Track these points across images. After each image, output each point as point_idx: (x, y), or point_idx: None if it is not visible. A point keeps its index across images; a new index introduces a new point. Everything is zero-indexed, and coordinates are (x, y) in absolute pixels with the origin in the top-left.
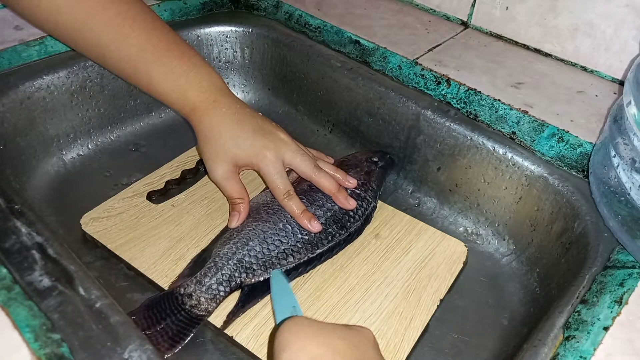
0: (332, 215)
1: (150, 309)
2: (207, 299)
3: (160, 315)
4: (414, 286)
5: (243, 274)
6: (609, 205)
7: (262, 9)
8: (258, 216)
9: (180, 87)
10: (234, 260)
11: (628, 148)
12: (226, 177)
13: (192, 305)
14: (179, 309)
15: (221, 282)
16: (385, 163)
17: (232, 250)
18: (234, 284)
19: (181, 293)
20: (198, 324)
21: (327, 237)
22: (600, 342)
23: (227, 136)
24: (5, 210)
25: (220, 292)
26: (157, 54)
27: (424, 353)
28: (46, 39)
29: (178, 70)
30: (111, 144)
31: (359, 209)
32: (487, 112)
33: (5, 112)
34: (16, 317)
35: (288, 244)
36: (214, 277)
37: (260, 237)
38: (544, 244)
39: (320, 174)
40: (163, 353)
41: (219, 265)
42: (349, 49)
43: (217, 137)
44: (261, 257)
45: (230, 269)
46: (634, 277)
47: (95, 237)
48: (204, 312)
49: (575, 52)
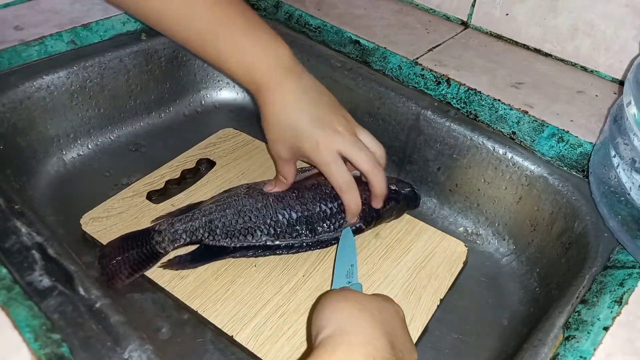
0: (309, 216)
1: (126, 240)
2: (169, 240)
3: (130, 245)
4: (414, 286)
5: (206, 232)
6: (609, 205)
7: (262, 9)
8: (251, 192)
9: (246, 64)
10: (207, 218)
11: (628, 148)
12: (283, 159)
13: (157, 242)
14: (146, 242)
15: (186, 231)
16: (402, 195)
17: (211, 209)
18: (194, 238)
19: (155, 229)
20: (155, 259)
21: (291, 232)
22: (600, 342)
23: (285, 125)
24: (5, 210)
25: (182, 239)
26: (225, 28)
27: (424, 353)
28: (46, 39)
29: (244, 46)
30: (111, 144)
31: (338, 221)
32: (487, 112)
33: (5, 112)
34: (16, 317)
35: (255, 223)
36: (184, 225)
37: (237, 209)
38: (544, 244)
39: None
40: (122, 281)
41: (193, 217)
42: (349, 49)
43: (277, 123)
44: (228, 225)
45: (200, 224)
46: (634, 277)
47: (95, 237)
48: (162, 250)
49: (575, 52)
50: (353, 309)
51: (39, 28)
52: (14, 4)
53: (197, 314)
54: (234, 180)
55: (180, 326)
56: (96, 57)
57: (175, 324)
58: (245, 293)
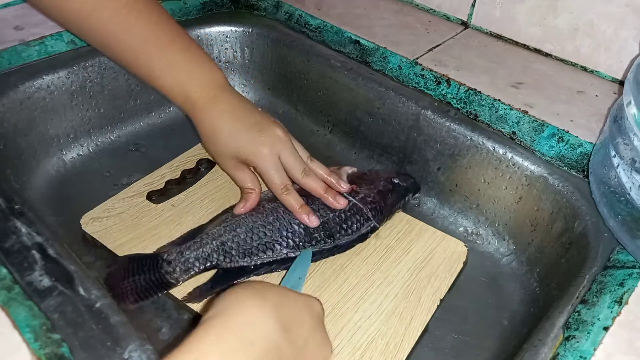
0: (324, 223)
1: (132, 261)
2: (181, 270)
3: (137, 269)
4: (414, 286)
5: (221, 256)
6: (609, 205)
7: (262, 9)
8: (257, 207)
9: (181, 82)
10: (217, 241)
11: (628, 148)
12: (234, 168)
13: (167, 271)
14: (155, 270)
15: (198, 258)
16: (404, 187)
17: (220, 232)
18: (209, 264)
19: (163, 258)
20: (165, 289)
21: (311, 241)
22: (600, 342)
23: (227, 133)
24: (5, 210)
25: (195, 267)
26: (159, 46)
27: (424, 353)
28: (46, 39)
29: (179, 64)
30: (111, 144)
31: (354, 223)
32: (487, 112)
33: (5, 112)
34: (16, 317)
35: (272, 237)
36: (194, 252)
37: (248, 226)
38: (544, 244)
39: (307, 177)
40: (126, 304)
41: (202, 243)
42: (349, 49)
43: (218, 134)
44: (243, 244)
45: (211, 248)
46: (634, 277)
47: (95, 237)
48: (174, 280)
49: (575, 52)
50: (245, 292)
51: (39, 28)
52: (14, 4)
53: (197, 314)
54: None
55: (180, 326)
56: (96, 57)
57: (175, 324)
58: None
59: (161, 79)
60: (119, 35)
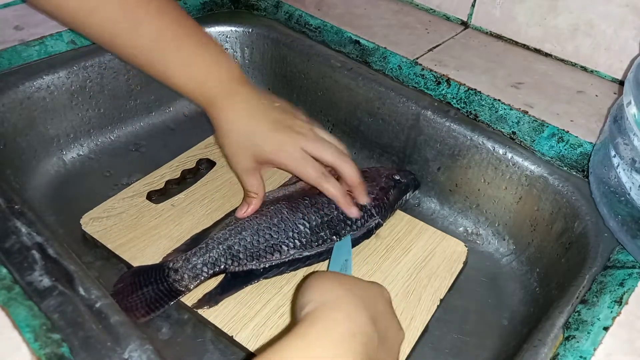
0: (329, 221)
1: (138, 275)
2: (189, 277)
3: (144, 282)
4: (414, 286)
5: (229, 260)
6: (609, 205)
7: (262, 9)
8: (260, 209)
9: (197, 79)
10: (224, 245)
11: (628, 148)
12: (246, 170)
13: (174, 280)
14: (162, 280)
15: (206, 264)
16: (405, 183)
17: (225, 236)
18: (217, 269)
19: (169, 267)
20: (176, 297)
21: (317, 240)
22: (600, 342)
23: (244, 133)
24: (5, 210)
25: (203, 273)
26: (172, 43)
27: (424, 353)
28: (46, 39)
29: (194, 61)
30: (111, 144)
31: (359, 219)
32: (487, 112)
33: (5, 112)
34: (16, 317)
35: (278, 239)
36: (201, 258)
37: (254, 229)
38: (544, 244)
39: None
40: (137, 318)
41: (208, 248)
42: (349, 49)
43: (234, 133)
44: (250, 247)
45: (218, 253)
46: (634, 277)
47: (95, 237)
48: (184, 288)
49: (575, 52)
50: (337, 287)
51: (39, 28)
52: (14, 4)
53: (197, 314)
54: (234, 180)
55: (180, 326)
56: (96, 57)
57: (175, 324)
58: (245, 293)
59: (176, 77)
60: (128, 33)
